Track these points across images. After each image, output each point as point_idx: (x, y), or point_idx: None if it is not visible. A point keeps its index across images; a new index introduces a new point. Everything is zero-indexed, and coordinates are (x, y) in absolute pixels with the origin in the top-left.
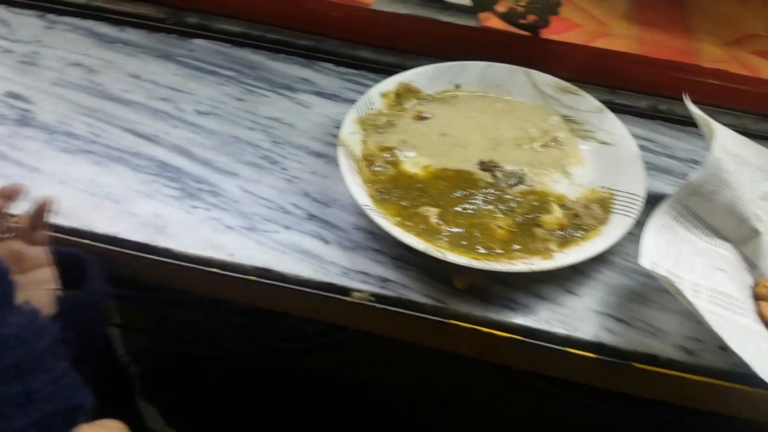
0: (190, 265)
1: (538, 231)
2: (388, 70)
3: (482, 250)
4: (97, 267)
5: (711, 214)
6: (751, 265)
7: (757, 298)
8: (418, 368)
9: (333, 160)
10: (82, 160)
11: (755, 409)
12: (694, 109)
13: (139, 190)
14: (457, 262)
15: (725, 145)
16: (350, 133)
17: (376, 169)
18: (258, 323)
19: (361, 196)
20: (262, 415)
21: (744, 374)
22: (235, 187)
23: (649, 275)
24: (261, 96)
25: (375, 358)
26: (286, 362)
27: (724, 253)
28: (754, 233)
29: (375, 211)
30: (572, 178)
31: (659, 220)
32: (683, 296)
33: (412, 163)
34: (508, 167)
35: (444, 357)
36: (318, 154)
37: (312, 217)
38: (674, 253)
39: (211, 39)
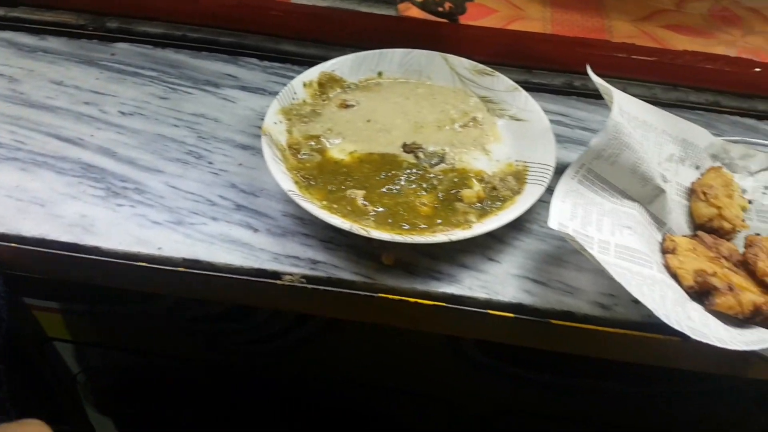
0: (119, 261)
1: (458, 205)
2: (312, 62)
3: (406, 227)
4: None
5: (615, 176)
6: (659, 222)
7: (664, 251)
8: (382, 361)
9: (259, 152)
10: (7, 168)
11: (665, 355)
12: (597, 80)
13: (64, 193)
14: (381, 239)
15: (626, 110)
16: (274, 123)
17: (302, 156)
18: (217, 329)
19: (286, 183)
20: (228, 422)
21: (655, 324)
22: (160, 183)
23: (564, 239)
24: (185, 94)
25: (336, 355)
26: (248, 366)
27: (631, 212)
28: (659, 192)
29: (300, 196)
30: (490, 155)
31: (566, 184)
32: (587, 252)
33: (338, 149)
34: (430, 148)
35: (407, 348)
36: (244, 147)
37: (240, 207)
38: (582, 214)
39: (132, 42)
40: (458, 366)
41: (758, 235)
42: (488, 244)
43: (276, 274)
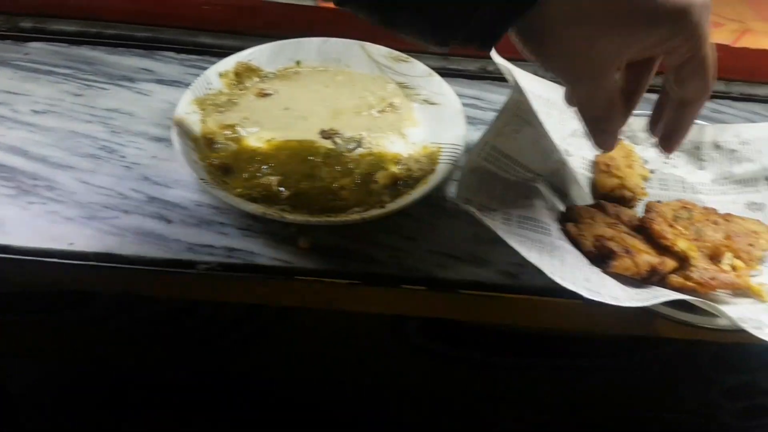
0: (31, 258)
1: (374, 187)
2: (230, 53)
3: (321, 210)
4: None
5: (518, 151)
6: (562, 194)
7: (566, 220)
8: (325, 355)
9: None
10: None
11: (567, 318)
12: (498, 60)
13: None
14: (296, 221)
15: (528, 88)
16: (186, 113)
17: (216, 146)
18: (156, 333)
19: (198, 172)
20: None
21: (557, 289)
22: (72, 179)
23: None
24: (99, 90)
25: (281, 352)
26: (196, 367)
27: (534, 185)
28: (561, 165)
29: (212, 185)
30: (407, 138)
31: (472, 161)
32: (488, 222)
33: (255, 138)
34: (348, 133)
35: (350, 341)
36: (158, 139)
37: (153, 199)
38: (487, 188)
39: (47, 41)
40: (406, 353)
41: (659, 201)
42: (405, 224)
43: (191, 264)
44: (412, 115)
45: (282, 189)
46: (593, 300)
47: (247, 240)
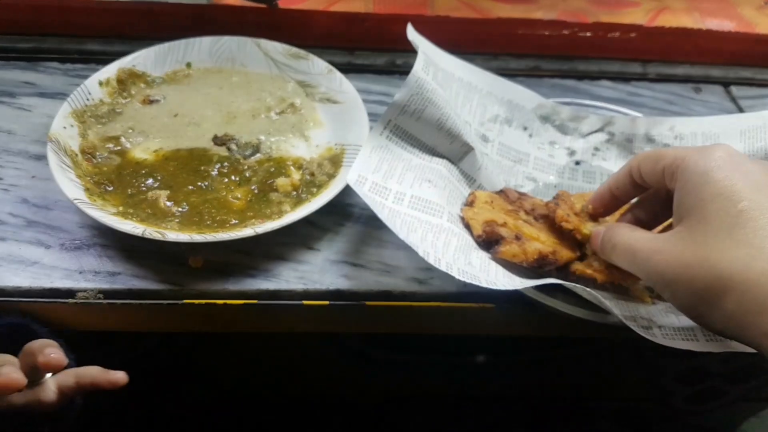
0: None
1: (273, 195)
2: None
3: (213, 224)
4: None
5: (422, 132)
6: (470, 178)
7: (465, 204)
8: (269, 371)
9: None
10: None
11: (480, 323)
12: (412, 36)
13: None
14: (178, 240)
15: (449, 70)
16: (63, 127)
17: (97, 161)
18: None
19: (73, 191)
20: None
21: (469, 293)
22: None
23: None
24: None
25: (222, 370)
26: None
27: (437, 167)
28: (468, 149)
29: (89, 204)
30: (310, 141)
31: (372, 140)
32: (369, 202)
33: (142, 149)
34: (244, 138)
35: (295, 354)
36: (38, 157)
37: (32, 223)
38: (387, 168)
39: None
40: (347, 363)
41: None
42: (308, 233)
43: (70, 292)
44: (315, 116)
45: (170, 203)
46: (466, 282)
47: (132, 262)
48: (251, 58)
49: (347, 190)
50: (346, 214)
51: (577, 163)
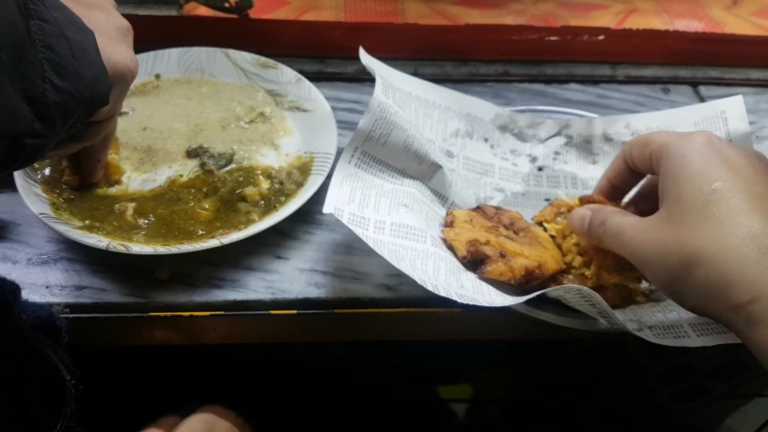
0: None
1: (241, 205)
2: None
3: (180, 236)
4: None
5: (390, 156)
6: (442, 197)
7: (444, 225)
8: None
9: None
10: None
11: (452, 328)
12: (366, 61)
13: None
14: (141, 252)
15: (404, 88)
16: None
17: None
18: None
19: (38, 206)
20: None
21: (438, 298)
22: None
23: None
24: None
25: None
26: None
27: (409, 190)
28: (437, 168)
29: (54, 218)
30: (280, 149)
31: (343, 169)
32: (358, 231)
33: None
34: (217, 149)
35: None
36: None
37: None
38: (360, 197)
39: None
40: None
41: (547, 200)
42: (276, 242)
43: None
44: (285, 124)
45: (137, 217)
46: (468, 305)
47: (98, 276)
48: (220, 69)
49: (316, 198)
50: (315, 222)
51: (540, 168)
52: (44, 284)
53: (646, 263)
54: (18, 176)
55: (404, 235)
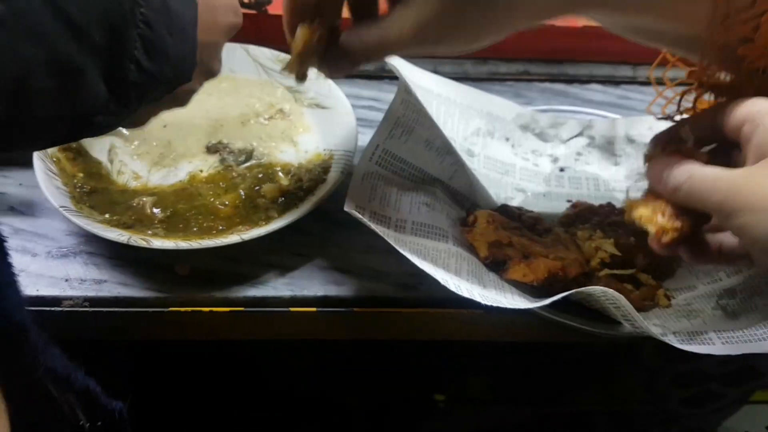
0: None
1: (261, 201)
2: None
3: (200, 231)
4: None
5: (411, 154)
6: (463, 196)
7: (466, 225)
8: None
9: None
10: None
11: (472, 329)
12: (389, 60)
13: None
14: (164, 248)
15: (425, 86)
16: None
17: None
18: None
19: (59, 199)
20: None
21: (459, 299)
22: None
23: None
24: None
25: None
26: None
27: (430, 188)
28: (458, 166)
29: (75, 211)
30: (298, 146)
31: (364, 167)
32: (379, 230)
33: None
34: (237, 145)
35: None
36: (25, 164)
37: (18, 231)
38: (381, 195)
39: None
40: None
41: (569, 201)
42: (295, 239)
43: (56, 300)
44: (303, 121)
45: (156, 210)
46: (491, 306)
47: (118, 270)
48: (240, 64)
49: (335, 196)
50: (334, 219)
51: (562, 169)
52: (63, 277)
53: (748, 209)
54: (39, 168)
55: (426, 233)
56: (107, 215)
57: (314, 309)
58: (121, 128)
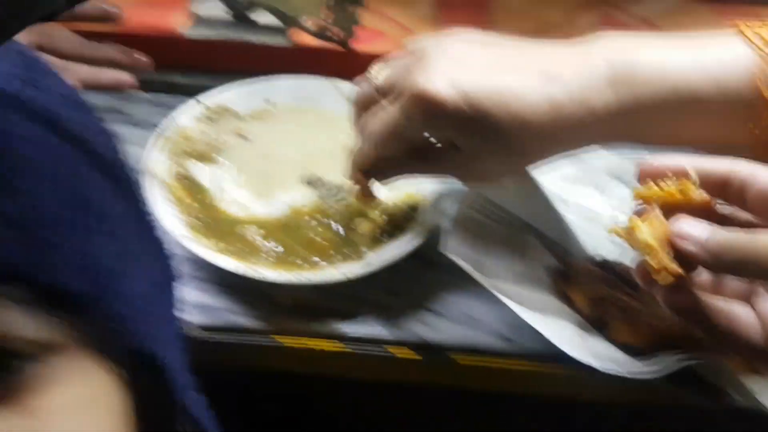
0: None
1: (354, 237)
2: (200, 92)
3: (302, 263)
4: None
5: (510, 202)
6: (560, 247)
7: (563, 277)
8: None
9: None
10: None
11: (571, 388)
12: None
13: None
14: (270, 279)
15: None
16: (159, 161)
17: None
18: None
19: (177, 226)
20: None
21: (559, 354)
22: None
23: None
24: None
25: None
26: None
27: (526, 237)
28: (556, 215)
29: (192, 239)
30: (392, 184)
31: (461, 212)
32: (480, 278)
33: (234, 185)
34: (330, 179)
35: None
36: None
37: None
38: (477, 242)
39: None
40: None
41: None
42: (388, 277)
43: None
44: None
45: (262, 242)
46: (608, 371)
47: (226, 297)
48: (329, 99)
49: (430, 236)
50: (424, 258)
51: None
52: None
53: None
54: (153, 197)
55: (526, 285)
56: (222, 244)
57: (413, 353)
58: (222, 158)
